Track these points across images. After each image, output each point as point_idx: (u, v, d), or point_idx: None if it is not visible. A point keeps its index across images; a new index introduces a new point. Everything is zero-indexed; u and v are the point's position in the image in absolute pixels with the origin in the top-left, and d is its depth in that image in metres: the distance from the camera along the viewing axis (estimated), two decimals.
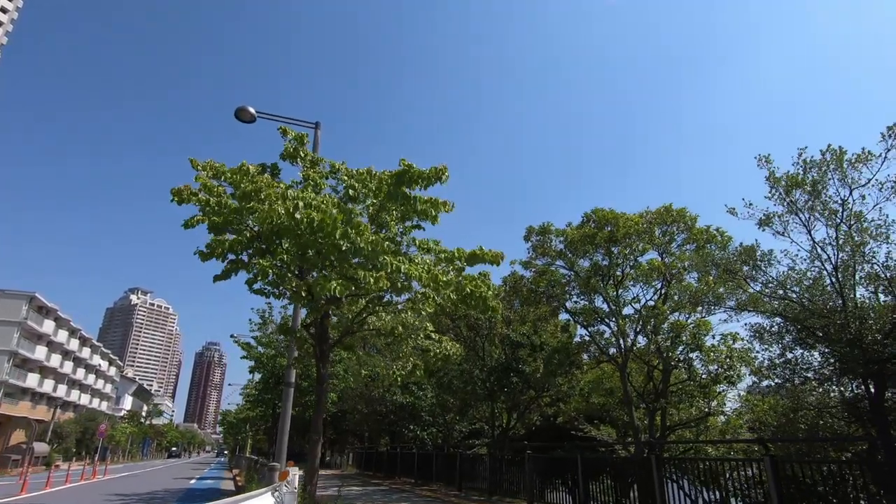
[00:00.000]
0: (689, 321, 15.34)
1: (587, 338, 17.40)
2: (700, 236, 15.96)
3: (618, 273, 16.90)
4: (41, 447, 45.25)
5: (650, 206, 17.39)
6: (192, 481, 30.32)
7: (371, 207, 9.12)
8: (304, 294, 8.51)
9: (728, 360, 13.91)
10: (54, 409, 50.41)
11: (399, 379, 11.91)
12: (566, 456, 13.94)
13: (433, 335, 11.48)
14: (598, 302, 17.09)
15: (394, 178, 8.59)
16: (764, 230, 11.55)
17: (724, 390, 14.80)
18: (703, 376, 14.61)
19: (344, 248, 7.51)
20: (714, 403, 15.16)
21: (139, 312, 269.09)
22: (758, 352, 12.82)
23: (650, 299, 16.76)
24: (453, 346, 11.48)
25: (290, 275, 8.34)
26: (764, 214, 11.81)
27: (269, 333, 22.81)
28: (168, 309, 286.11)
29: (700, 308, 14.77)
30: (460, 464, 19.89)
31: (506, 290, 18.72)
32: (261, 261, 8.53)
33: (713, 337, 14.81)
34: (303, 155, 9.66)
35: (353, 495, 17.96)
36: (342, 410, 34.58)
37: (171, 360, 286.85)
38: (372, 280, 7.68)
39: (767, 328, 11.80)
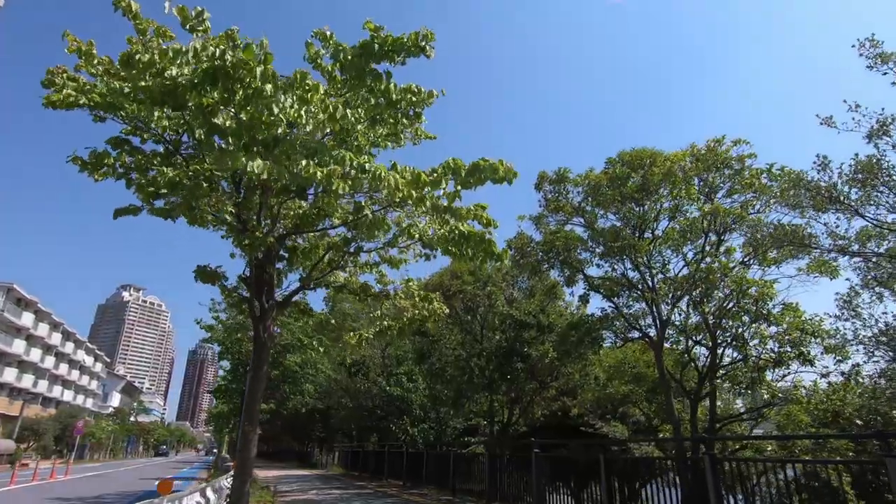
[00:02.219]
0: (758, 277, 12.32)
1: (610, 310, 14.65)
2: (754, 180, 12.50)
3: (649, 234, 14.07)
4: (6, 444, 42.43)
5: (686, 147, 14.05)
6: (158, 482, 27.55)
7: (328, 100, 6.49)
8: (229, 217, 5.90)
9: (799, 333, 11.17)
10: (22, 405, 47.54)
11: (365, 343, 9.29)
12: (577, 456, 11.37)
13: (415, 290, 8.85)
14: (625, 267, 14.27)
15: (359, 50, 5.96)
16: (876, 145, 8.80)
17: (793, 373, 12.05)
18: (772, 352, 11.77)
19: (276, 117, 4.90)
20: (788, 384, 12.25)
21: (131, 309, 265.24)
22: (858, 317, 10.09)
23: (695, 259, 13.82)
24: (439, 305, 8.89)
25: (203, 184, 5.69)
26: (879, 121, 8.80)
27: (237, 315, 20.13)
28: (161, 306, 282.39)
29: (773, 257, 11.70)
30: (454, 464, 17.47)
31: (510, 256, 15.85)
32: (163, 168, 5.92)
33: (773, 308, 12.01)
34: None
35: (327, 503, 15.31)
36: (328, 406, 31.94)
37: (163, 357, 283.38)
38: (320, 175, 5.04)
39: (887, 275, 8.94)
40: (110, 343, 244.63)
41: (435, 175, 6.10)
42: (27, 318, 65.41)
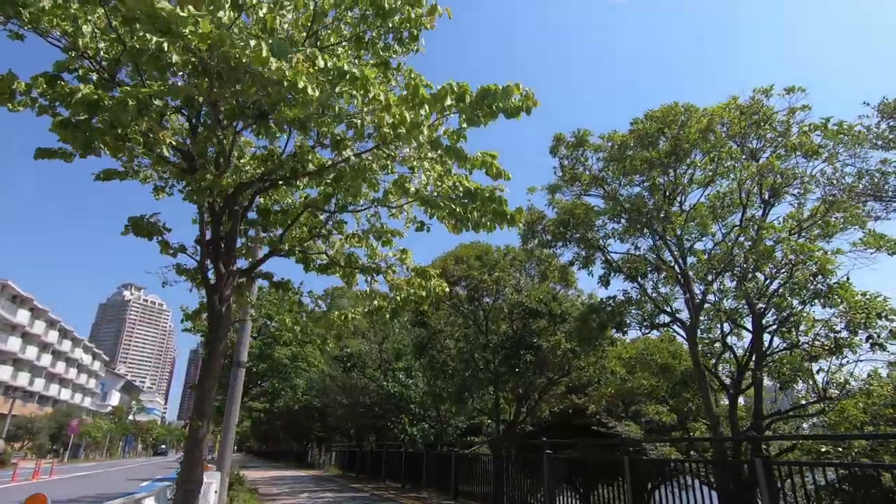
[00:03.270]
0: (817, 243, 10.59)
1: (634, 293, 13.08)
2: (805, 139, 10.70)
3: (677, 207, 12.44)
4: None
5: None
6: (144, 483, 26.32)
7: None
8: (167, 152, 4.57)
9: (864, 315, 9.63)
10: (12, 402, 46.37)
11: (352, 325, 7.93)
12: (593, 457, 10.02)
13: (409, 262, 7.49)
14: (654, 242, 12.58)
15: None
16: None
17: (851, 361, 10.52)
18: (825, 337, 10.17)
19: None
20: (845, 373, 10.67)
21: (132, 308, 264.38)
22: None
23: (742, 226, 11.94)
24: (438, 283, 7.54)
25: (130, 102, 4.32)
26: None
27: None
28: (162, 305, 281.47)
29: (837, 221, 10.24)
30: (456, 465, 16.18)
31: (521, 231, 14.28)
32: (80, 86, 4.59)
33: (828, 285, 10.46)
34: None
35: None
36: (325, 405, 30.62)
37: (164, 357, 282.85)
38: (278, 71, 3.67)
39: None
40: (111, 342, 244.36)
41: (436, 93, 4.73)
42: (22, 316, 64.54)
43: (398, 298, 7.80)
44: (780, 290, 10.51)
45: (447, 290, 8.19)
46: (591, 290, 27.25)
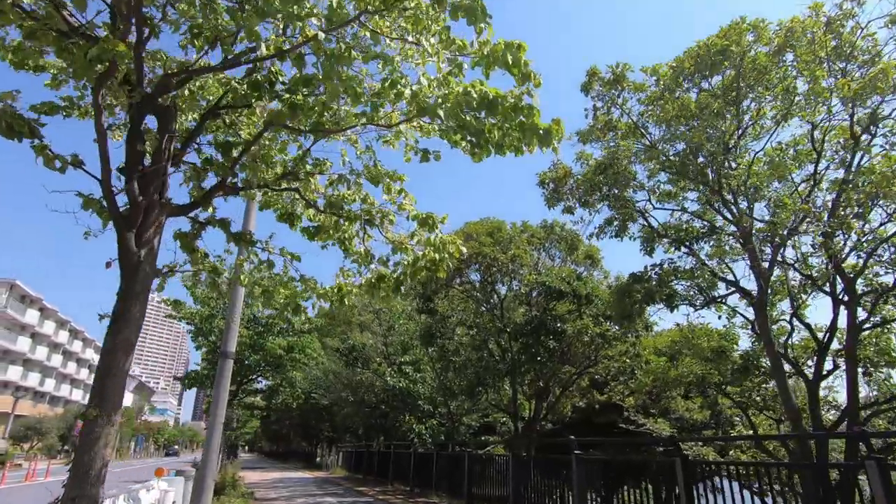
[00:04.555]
0: None
1: (679, 262, 10.96)
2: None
3: (739, 154, 10.19)
4: None
5: None
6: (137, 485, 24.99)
7: None
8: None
9: None
10: (14, 402, 45.60)
11: (347, 299, 6.25)
12: (635, 458, 8.30)
13: (411, 208, 5.82)
14: (709, 201, 10.40)
15: None
16: None
17: None
18: None
19: None
20: None
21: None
22: None
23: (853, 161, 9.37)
24: (452, 241, 5.86)
25: None
26: None
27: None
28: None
29: None
30: (470, 466, 14.49)
31: (546, 193, 12.11)
32: None
33: None
34: None
35: None
36: (331, 403, 29.05)
37: (178, 358, 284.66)
38: None
39: None
40: None
41: None
42: (31, 316, 64.34)
43: (405, 263, 6.15)
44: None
45: (464, 251, 6.47)
46: (617, 272, 25.25)
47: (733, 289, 10.53)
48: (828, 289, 9.51)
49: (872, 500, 5.21)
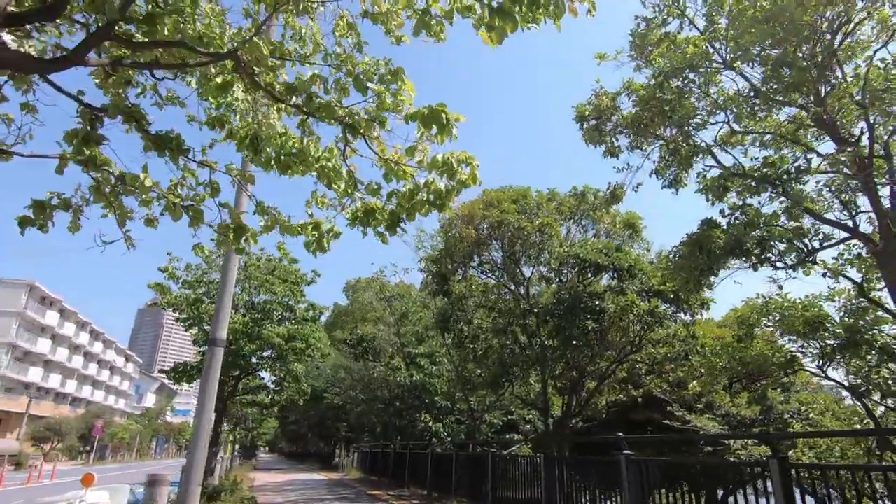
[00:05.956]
0: None
1: (762, 208, 8.71)
2: None
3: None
4: (8, 444, 40.08)
5: None
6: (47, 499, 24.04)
7: None
8: None
9: None
10: (28, 402, 45.29)
11: (327, 240, 4.54)
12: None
13: (402, 99, 4.07)
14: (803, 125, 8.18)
15: None
16: None
17: None
18: None
19: None
20: None
21: (168, 311, 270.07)
22: None
23: None
24: (466, 158, 4.09)
25: None
26: None
27: (198, 266, 15.44)
28: None
29: None
30: (493, 468, 12.74)
31: (586, 130, 9.90)
32: None
33: None
34: None
35: None
36: (345, 401, 27.55)
37: None
38: None
39: None
40: (150, 346, 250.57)
41: None
42: (52, 317, 64.70)
43: (399, 194, 4.46)
44: None
45: (480, 181, 4.70)
46: (660, 245, 22.89)
47: (846, 234, 8.26)
48: None
49: None
